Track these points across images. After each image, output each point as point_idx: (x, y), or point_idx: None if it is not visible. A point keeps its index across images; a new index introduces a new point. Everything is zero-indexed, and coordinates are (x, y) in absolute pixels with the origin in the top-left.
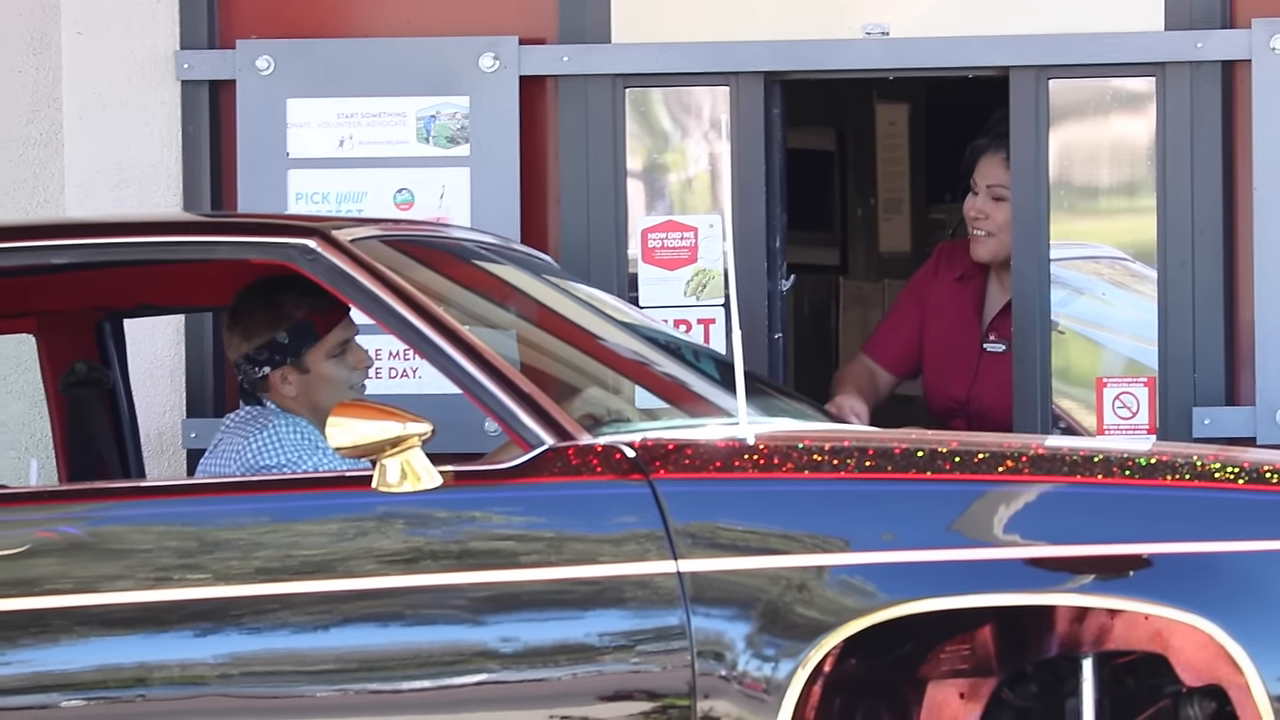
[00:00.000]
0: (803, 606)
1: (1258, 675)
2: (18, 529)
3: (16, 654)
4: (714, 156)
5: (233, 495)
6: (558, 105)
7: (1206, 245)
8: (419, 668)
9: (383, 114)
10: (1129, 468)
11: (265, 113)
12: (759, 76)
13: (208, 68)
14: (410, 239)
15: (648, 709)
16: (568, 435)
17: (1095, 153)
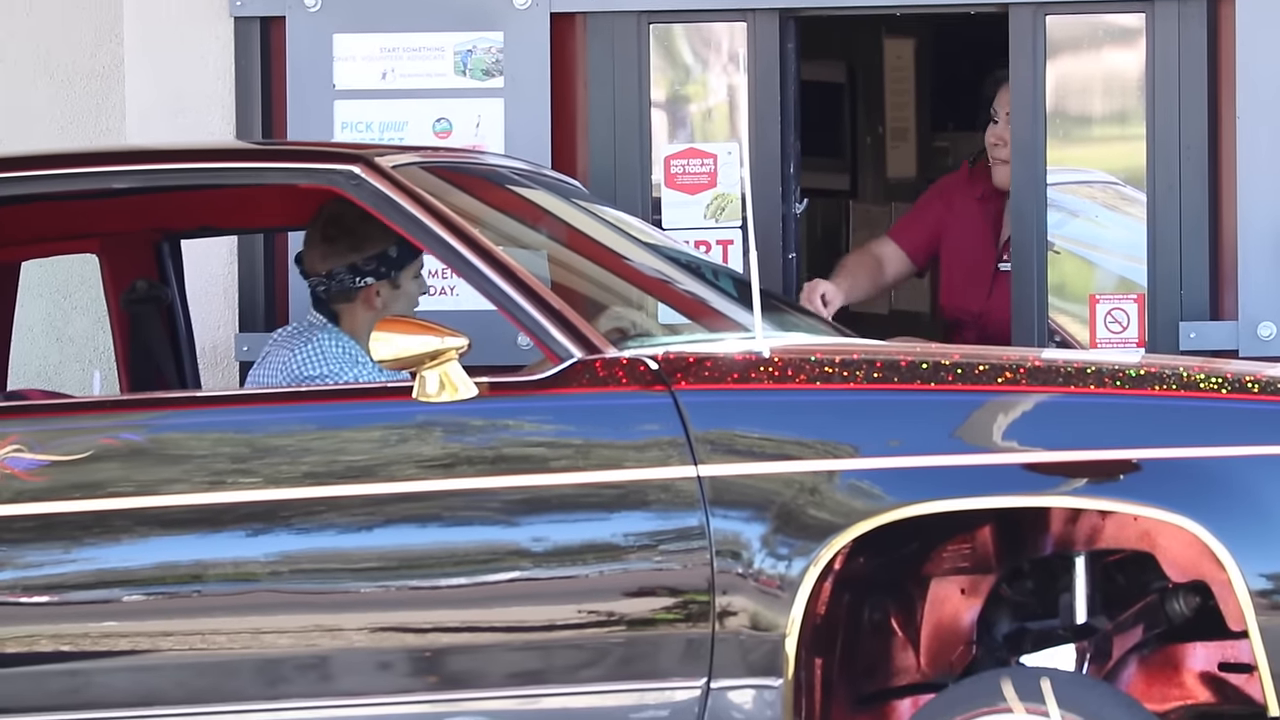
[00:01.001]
0: (814, 508)
1: (1239, 571)
2: (82, 436)
3: (82, 552)
4: (732, 88)
5: (282, 405)
6: (586, 40)
7: (1193, 170)
8: (455, 565)
9: (422, 48)
10: (1119, 379)
11: (312, 47)
12: (774, 13)
13: (259, 4)
14: (448, 165)
15: (669, 604)
16: (595, 349)
17: (1089, 84)
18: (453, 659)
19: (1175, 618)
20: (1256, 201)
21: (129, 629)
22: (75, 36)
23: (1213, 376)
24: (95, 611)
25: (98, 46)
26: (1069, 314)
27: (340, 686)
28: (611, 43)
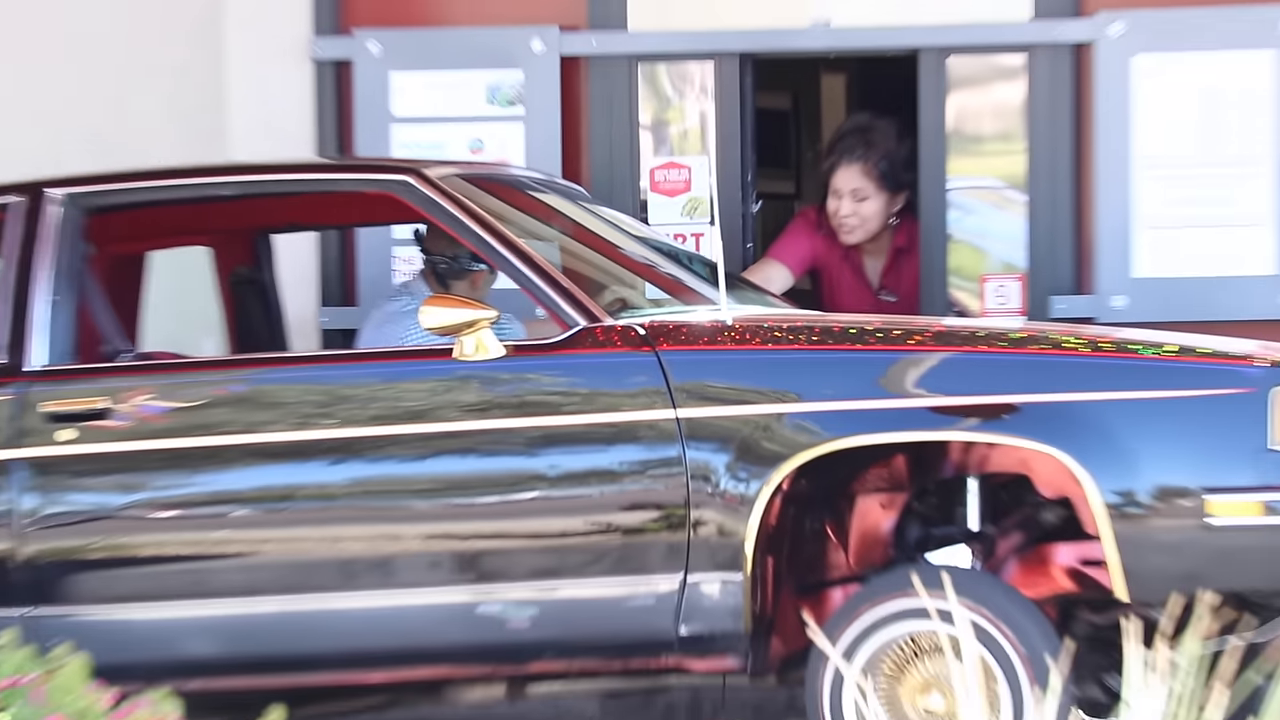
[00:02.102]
0: (767, 442)
1: (1095, 489)
2: (199, 388)
3: (199, 478)
4: (702, 114)
5: (353, 363)
6: (588, 77)
7: (1061, 177)
8: (488, 487)
9: (460, 84)
10: (1004, 339)
11: (374, 84)
12: (735, 55)
13: (333, 51)
14: (480, 175)
15: (655, 516)
16: (595, 318)
17: (982, 110)
18: (486, 558)
19: (1046, 525)
20: (1110, 202)
21: (236, 536)
22: (187, 76)
23: (1075, 338)
24: (210, 523)
25: (205, 84)
26: (965, 290)
27: (399, 580)
28: (608, 79)
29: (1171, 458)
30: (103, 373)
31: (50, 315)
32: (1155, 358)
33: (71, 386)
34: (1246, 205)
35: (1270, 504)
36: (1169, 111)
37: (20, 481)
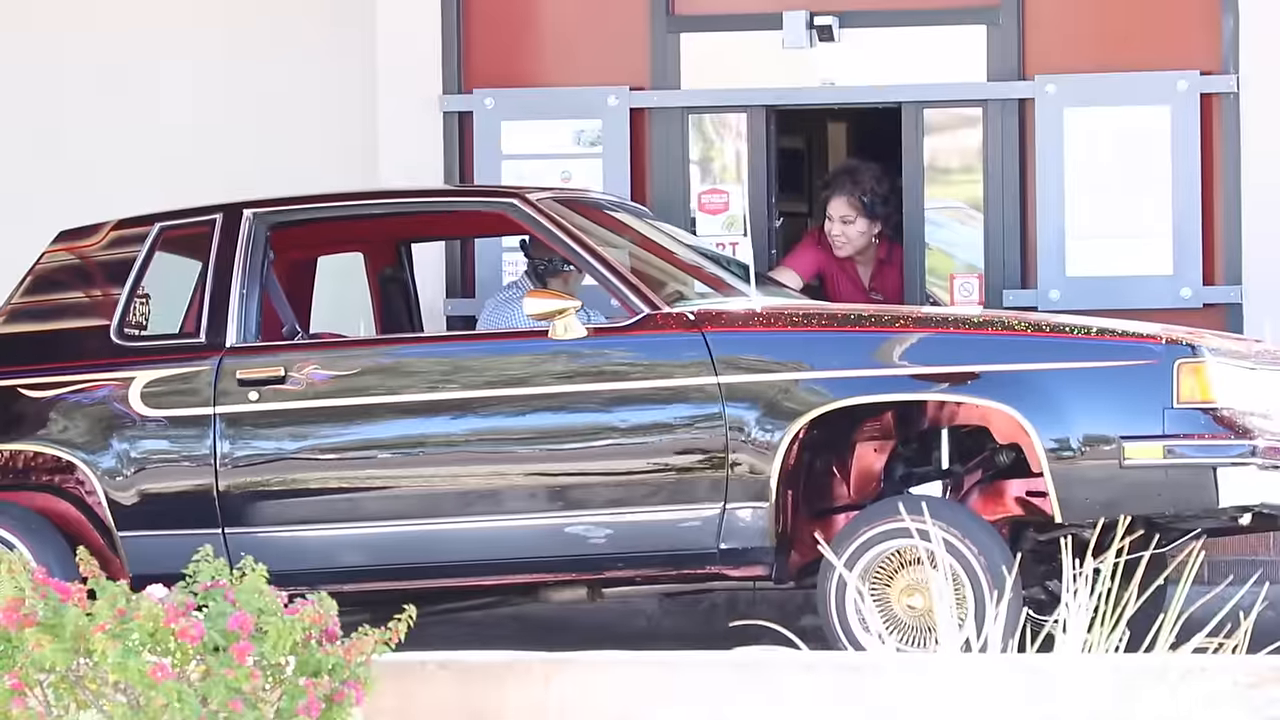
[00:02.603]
0: (787, 401)
1: (1038, 437)
2: (354, 360)
3: (354, 429)
4: (737, 152)
5: (472, 341)
6: (650, 123)
7: (1010, 200)
8: (574, 436)
9: (553, 130)
10: (968, 323)
11: (489, 129)
12: (762, 109)
13: (458, 105)
14: (568, 198)
15: (701, 458)
16: (656, 306)
17: (950, 149)
18: (572, 491)
19: (1000, 465)
20: (1048, 218)
21: (382, 474)
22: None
23: (1022, 322)
24: (361, 464)
25: (363, 131)
26: (938, 286)
27: (505, 507)
28: (665, 125)
29: (1096, 413)
30: (281, 349)
31: (242, 304)
32: (1084, 336)
33: (258, 359)
34: (1151, 221)
35: (1170, 448)
36: (1092, 150)
37: (219, 431)
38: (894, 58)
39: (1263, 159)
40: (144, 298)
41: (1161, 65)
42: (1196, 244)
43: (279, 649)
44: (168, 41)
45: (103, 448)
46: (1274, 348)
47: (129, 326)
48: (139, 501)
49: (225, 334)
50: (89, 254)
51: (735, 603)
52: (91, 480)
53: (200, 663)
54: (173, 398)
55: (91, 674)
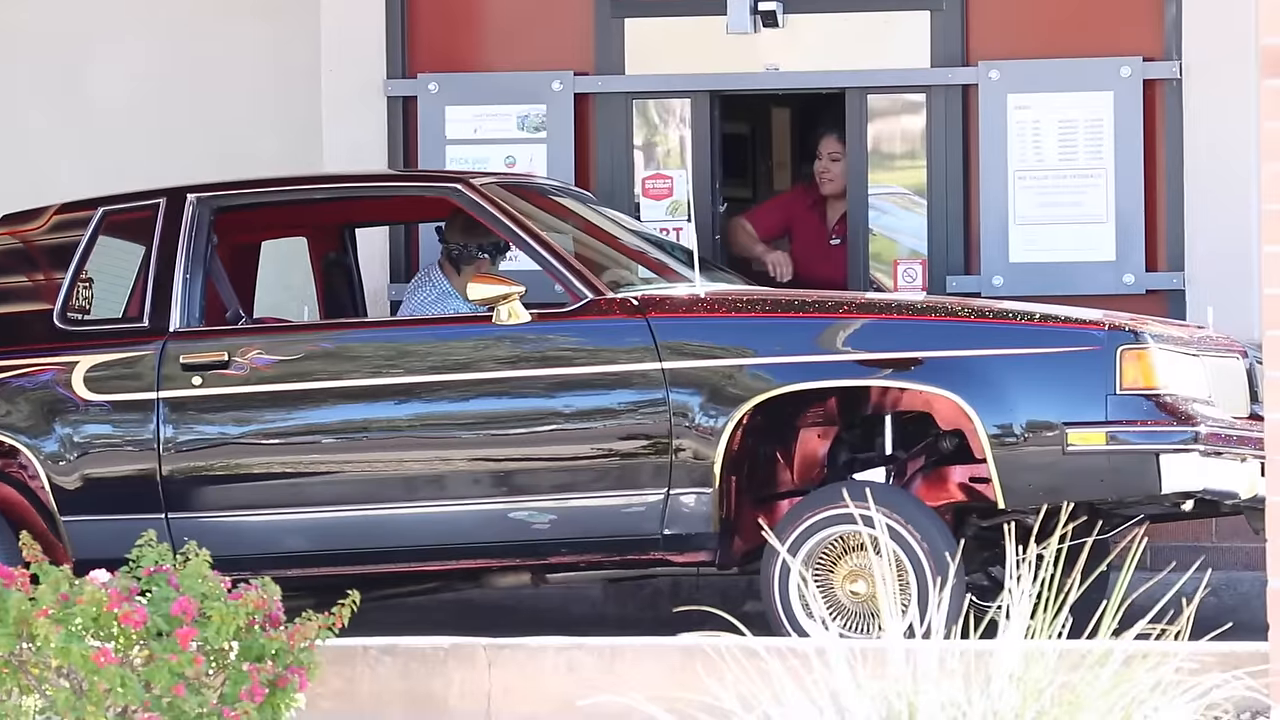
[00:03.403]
0: (731, 387)
1: (980, 423)
2: (297, 345)
3: (297, 414)
4: (682, 138)
5: (415, 326)
6: (595, 109)
7: (954, 186)
8: (518, 420)
9: (498, 114)
10: (911, 308)
11: (433, 114)
12: (706, 94)
13: (402, 90)
14: (512, 183)
15: (646, 444)
16: (600, 292)
17: (894, 135)
18: (516, 476)
19: (943, 451)
20: (991, 204)
21: (325, 459)
22: (291, 108)
23: (965, 308)
24: (304, 448)
25: (305, 114)
26: (882, 271)
27: (449, 493)
28: (610, 111)
29: (1039, 399)
30: (225, 333)
31: (186, 289)
32: (1027, 323)
33: (201, 343)
34: (1092, 208)
35: (1112, 434)
36: (1034, 136)
37: (163, 415)
38: (838, 43)
39: (1205, 146)
40: (87, 282)
41: (1104, 51)
42: (1139, 230)
43: (222, 634)
44: (108, 20)
45: (45, 432)
46: (1217, 334)
47: (72, 311)
48: (82, 486)
49: (169, 319)
50: (31, 238)
51: (679, 588)
52: (34, 465)
53: (144, 648)
54: (116, 382)
55: (34, 659)
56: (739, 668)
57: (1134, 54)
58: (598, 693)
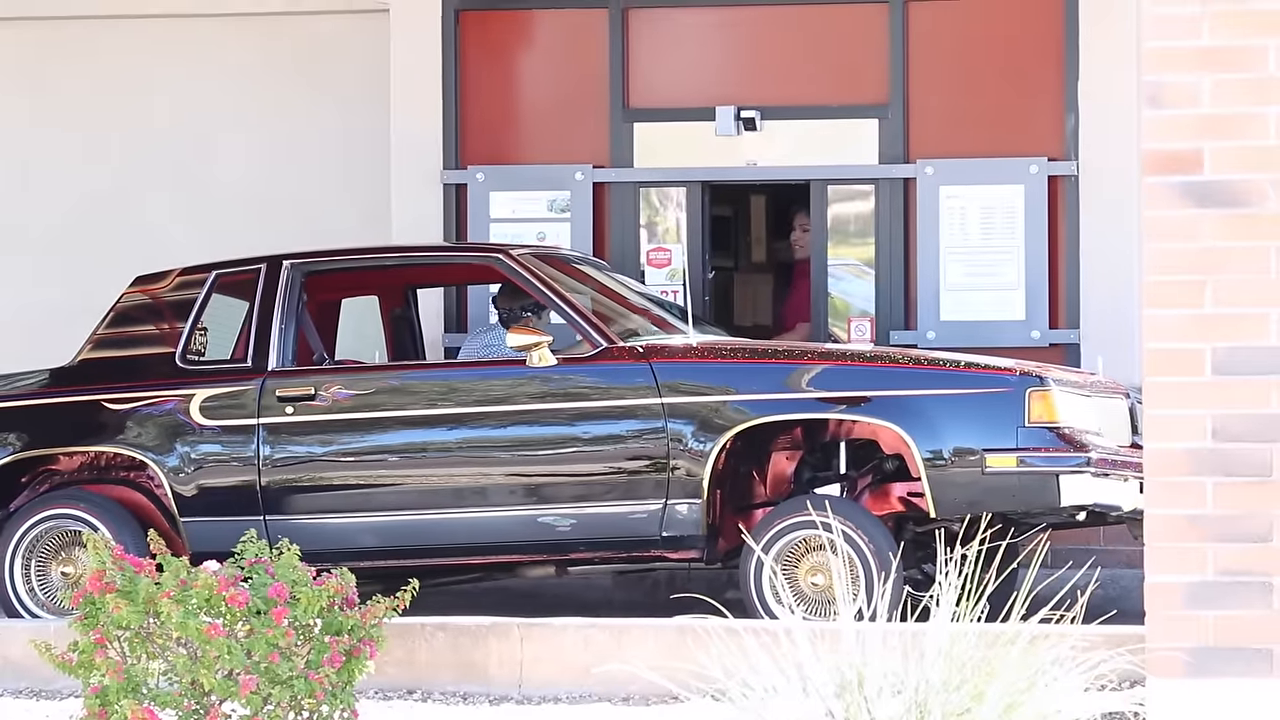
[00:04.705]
0: (717, 419)
1: (915, 449)
2: (371, 382)
3: (369, 437)
4: (679, 218)
5: (464, 368)
6: (610, 194)
7: (897, 258)
8: (546, 444)
9: (532, 198)
10: (861, 356)
11: (480, 198)
12: (699, 184)
13: (455, 178)
14: (543, 253)
15: (648, 463)
16: (612, 341)
17: (849, 218)
18: (543, 489)
19: (886, 471)
20: (926, 273)
21: (391, 473)
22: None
23: (905, 356)
24: (374, 465)
25: (378, 195)
26: (838, 327)
27: (489, 501)
28: (621, 196)
29: (963, 430)
30: (312, 372)
31: (281, 336)
32: (954, 369)
33: (293, 380)
34: (1007, 277)
35: (1022, 459)
36: (961, 220)
37: (262, 437)
38: (805, 144)
39: (1097, 228)
40: (203, 330)
41: (1017, 152)
42: (1044, 295)
43: (309, 613)
44: (220, 116)
45: (168, 450)
46: (1105, 379)
47: (190, 353)
48: (197, 493)
49: (267, 360)
50: (159, 294)
51: (674, 579)
52: (160, 476)
53: (246, 623)
54: (225, 410)
55: (159, 631)
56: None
57: (1041, 155)
58: (608, 663)
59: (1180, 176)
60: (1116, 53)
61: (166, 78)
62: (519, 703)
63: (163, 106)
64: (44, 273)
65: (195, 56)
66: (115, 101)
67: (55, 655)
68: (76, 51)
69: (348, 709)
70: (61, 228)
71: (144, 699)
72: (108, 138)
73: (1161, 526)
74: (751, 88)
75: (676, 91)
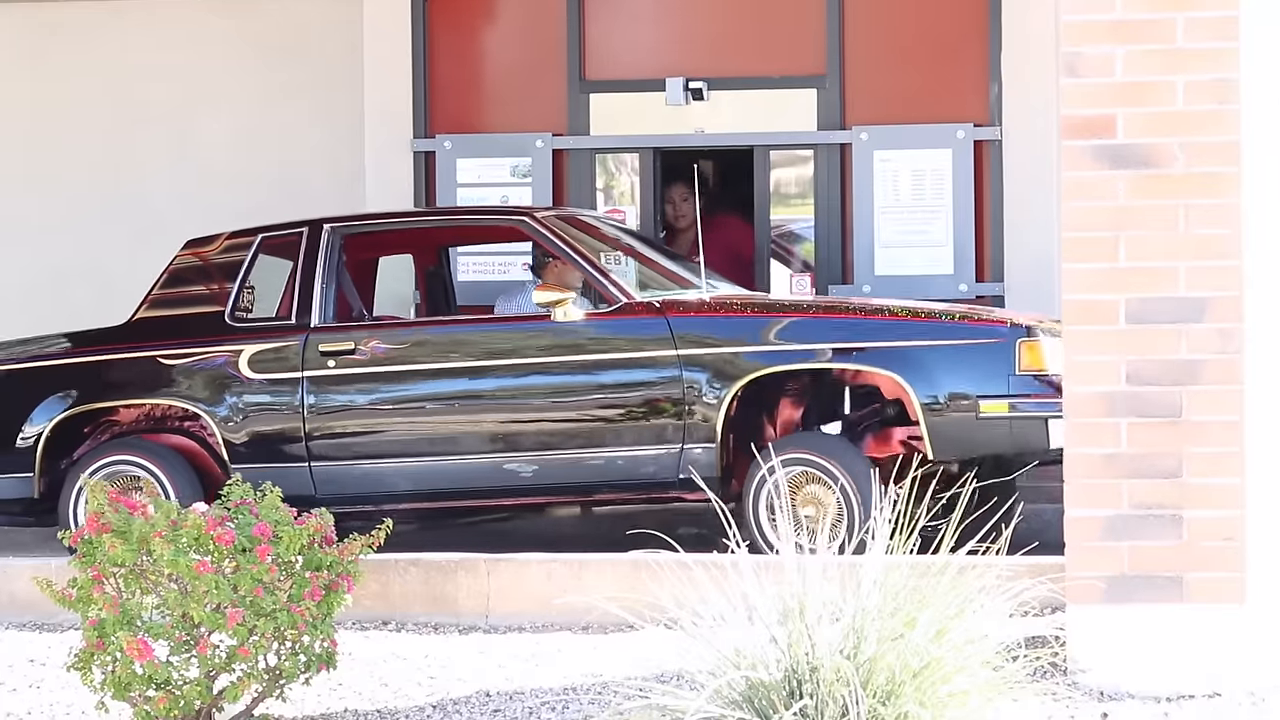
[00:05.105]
0: (729, 368)
1: (913, 395)
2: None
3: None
4: (632, 182)
5: (495, 322)
6: (569, 161)
7: (834, 218)
8: (571, 391)
9: (495, 165)
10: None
11: (447, 164)
12: (650, 150)
13: (424, 146)
14: (566, 215)
15: (666, 409)
16: (631, 297)
17: (789, 182)
18: (569, 435)
19: (887, 415)
20: (862, 231)
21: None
22: (342, 162)
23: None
24: (411, 413)
25: (353, 163)
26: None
27: (521, 445)
28: (579, 162)
29: (959, 378)
30: (352, 328)
31: (323, 295)
32: (950, 320)
33: (334, 335)
34: (936, 235)
35: (1013, 404)
36: (894, 182)
37: (306, 389)
38: (748, 112)
39: (1019, 189)
40: (250, 289)
41: (945, 119)
42: (970, 251)
43: (290, 550)
44: (207, 94)
45: (219, 401)
46: None
47: (239, 310)
48: (247, 441)
49: (310, 317)
50: (209, 257)
51: (632, 517)
52: (211, 426)
53: (232, 560)
54: (271, 364)
55: (151, 568)
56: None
57: (967, 121)
58: (569, 594)
59: (1096, 140)
60: (1037, 26)
61: (155, 57)
62: (486, 632)
63: (153, 84)
64: (44, 241)
65: (183, 36)
66: (108, 81)
67: (56, 591)
68: (73, 32)
69: (327, 639)
70: (60, 198)
71: (138, 631)
72: (100, 114)
73: (1080, 464)
74: (699, 60)
75: (629, 64)
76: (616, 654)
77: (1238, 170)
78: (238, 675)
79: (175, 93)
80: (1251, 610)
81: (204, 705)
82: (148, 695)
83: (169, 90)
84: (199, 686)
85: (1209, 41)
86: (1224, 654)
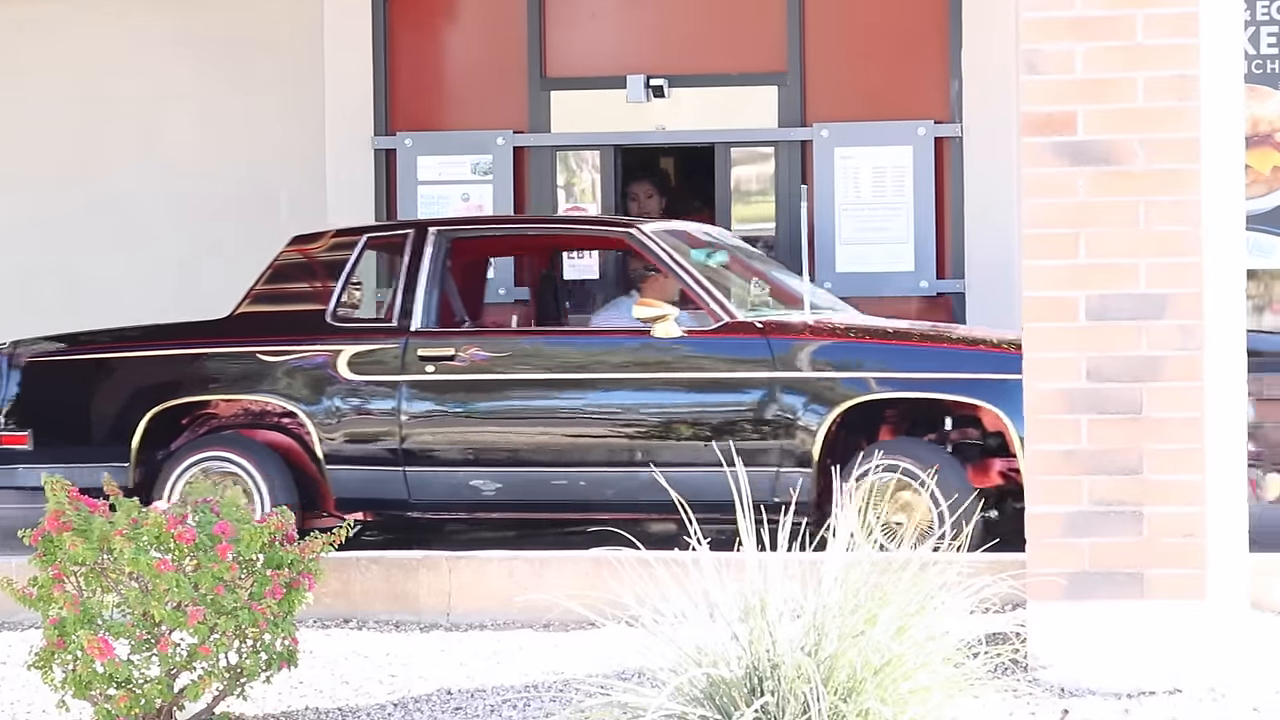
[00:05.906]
0: (828, 393)
1: (1012, 429)
2: (507, 346)
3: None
4: (594, 179)
5: (595, 335)
6: (529, 158)
7: (795, 215)
8: (671, 406)
9: (456, 162)
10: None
11: (408, 162)
12: (611, 147)
13: (385, 143)
14: (672, 229)
15: (763, 431)
16: (733, 316)
17: (750, 179)
18: (664, 453)
19: (988, 446)
20: (823, 229)
21: (524, 431)
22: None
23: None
24: (508, 423)
25: (315, 159)
26: None
27: (612, 462)
28: (539, 159)
29: None
30: (453, 334)
31: (426, 298)
32: None
33: (435, 341)
34: (897, 232)
35: None
36: (854, 179)
37: (404, 394)
38: (709, 110)
39: (979, 186)
40: (355, 287)
41: (906, 116)
42: (931, 248)
43: (251, 548)
44: (179, 93)
45: (317, 401)
46: None
47: (341, 309)
48: (342, 443)
49: (412, 320)
50: (313, 254)
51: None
52: (308, 425)
53: (193, 558)
54: (370, 366)
55: (112, 566)
56: (635, 574)
57: (928, 118)
58: (530, 592)
59: (1056, 137)
60: (996, 23)
61: (122, 53)
62: (448, 630)
63: (120, 80)
64: (11, 238)
65: (149, 33)
66: (74, 77)
67: (16, 590)
68: (41, 29)
69: (288, 637)
70: (27, 195)
71: (99, 629)
72: (69, 110)
73: (1040, 461)
74: (660, 57)
75: (590, 61)
76: (578, 651)
77: (1198, 167)
78: (199, 673)
79: (142, 89)
80: (1212, 606)
81: (165, 703)
82: (108, 694)
83: (136, 87)
84: (160, 685)
85: (1169, 38)
86: (1185, 650)
